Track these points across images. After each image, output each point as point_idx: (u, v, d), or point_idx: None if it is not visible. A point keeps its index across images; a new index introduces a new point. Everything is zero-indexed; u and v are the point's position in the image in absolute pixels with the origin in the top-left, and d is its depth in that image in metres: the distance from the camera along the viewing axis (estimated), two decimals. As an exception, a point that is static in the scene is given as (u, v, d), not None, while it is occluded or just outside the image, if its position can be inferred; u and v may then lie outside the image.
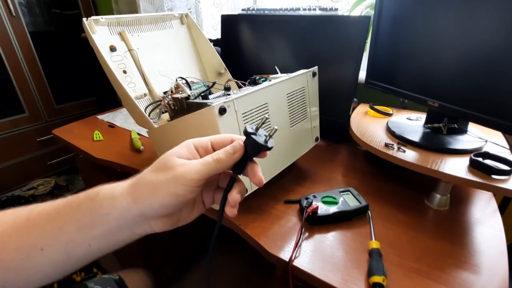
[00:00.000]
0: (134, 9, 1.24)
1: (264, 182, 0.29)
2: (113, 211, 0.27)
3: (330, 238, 0.47)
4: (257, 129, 0.28)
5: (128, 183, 0.28)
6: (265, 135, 0.28)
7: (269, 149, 0.28)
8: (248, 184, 0.47)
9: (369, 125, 0.67)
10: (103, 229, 0.27)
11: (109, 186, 0.28)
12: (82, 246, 0.27)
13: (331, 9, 0.81)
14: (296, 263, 0.42)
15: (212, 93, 0.60)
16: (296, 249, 0.44)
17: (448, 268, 0.41)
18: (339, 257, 0.43)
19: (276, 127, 0.28)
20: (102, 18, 0.61)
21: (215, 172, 0.27)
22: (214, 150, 0.29)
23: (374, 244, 0.44)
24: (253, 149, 0.28)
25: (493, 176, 0.45)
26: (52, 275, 0.27)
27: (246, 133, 0.28)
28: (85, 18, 0.59)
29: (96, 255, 0.28)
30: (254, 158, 0.29)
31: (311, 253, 0.44)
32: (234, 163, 0.28)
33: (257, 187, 0.49)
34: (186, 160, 0.27)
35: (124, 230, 0.27)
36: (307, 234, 0.48)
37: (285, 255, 0.44)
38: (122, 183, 0.28)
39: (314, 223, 0.49)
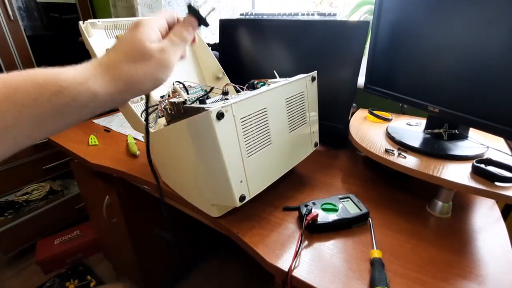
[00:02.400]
0: (132, 13, 1.24)
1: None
2: (92, 104, 0.25)
3: (330, 247, 0.45)
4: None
5: (102, 72, 0.26)
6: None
7: (207, 25, 0.36)
8: (247, 191, 0.46)
9: (368, 130, 0.67)
10: (72, 120, 0.25)
11: (72, 75, 0.25)
12: (35, 138, 0.24)
13: (329, 14, 0.81)
14: (296, 273, 0.41)
15: (210, 98, 0.59)
16: (296, 258, 0.43)
17: (453, 279, 0.39)
18: (340, 266, 0.42)
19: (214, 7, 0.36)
20: (99, 21, 0.60)
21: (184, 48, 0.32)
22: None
23: (376, 253, 0.42)
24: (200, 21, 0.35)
25: (497, 183, 0.44)
26: None
27: (192, 9, 0.34)
28: (82, 22, 0.58)
29: (51, 135, 0.27)
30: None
31: (311, 263, 0.42)
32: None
33: (255, 194, 0.48)
34: (159, 44, 0.29)
35: (92, 115, 0.27)
36: (306, 242, 0.46)
37: (284, 264, 0.42)
38: (88, 69, 0.26)
39: (314, 231, 0.48)
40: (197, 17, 0.34)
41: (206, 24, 0.35)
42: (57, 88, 0.23)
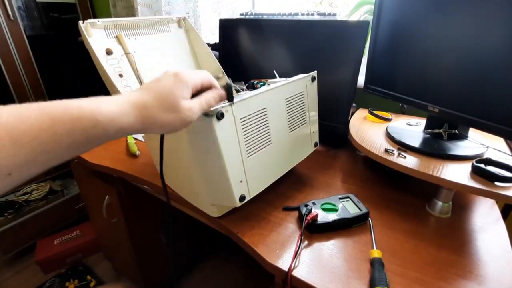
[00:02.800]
0: (132, 13, 1.23)
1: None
2: (117, 135, 0.29)
3: (330, 247, 0.45)
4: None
5: (135, 112, 0.30)
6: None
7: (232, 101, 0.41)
8: (247, 191, 0.46)
9: (368, 130, 0.67)
10: (96, 145, 0.29)
11: (107, 112, 0.28)
12: (63, 160, 0.27)
13: (329, 14, 0.81)
14: (295, 273, 0.41)
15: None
16: (296, 258, 0.43)
17: (452, 279, 0.39)
18: (340, 266, 0.42)
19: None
20: (98, 21, 0.60)
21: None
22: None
23: (376, 253, 0.42)
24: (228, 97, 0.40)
25: (496, 183, 0.44)
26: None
27: (229, 87, 0.40)
28: (81, 21, 0.58)
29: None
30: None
31: (311, 262, 0.42)
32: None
33: (255, 194, 0.48)
34: (189, 103, 0.33)
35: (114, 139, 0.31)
36: (306, 242, 0.46)
37: (284, 264, 0.42)
38: (123, 107, 0.30)
39: (314, 231, 0.48)
40: (228, 94, 0.39)
41: (231, 101, 0.41)
42: (92, 123, 0.27)
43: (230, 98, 0.40)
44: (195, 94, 0.36)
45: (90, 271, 1.29)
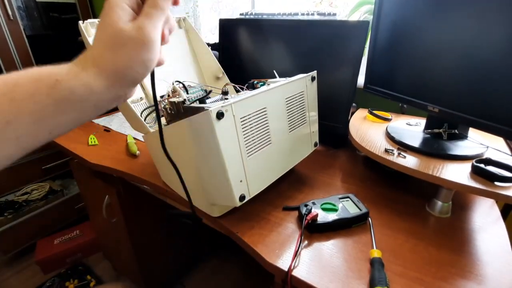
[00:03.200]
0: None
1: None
2: (91, 98, 0.25)
3: (330, 247, 0.45)
4: None
5: (89, 66, 0.25)
6: None
7: None
8: (246, 190, 0.46)
9: (368, 130, 0.67)
10: (74, 116, 0.25)
11: (65, 70, 0.25)
12: (40, 137, 0.24)
13: (329, 14, 0.81)
14: (295, 272, 0.41)
15: (210, 97, 0.59)
16: (295, 258, 0.43)
17: (452, 279, 0.39)
18: (340, 266, 0.42)
19: None
20: (98, 21, 0.60)
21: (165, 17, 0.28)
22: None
23: (376, 253, 0.42)
24: None
25: (496, 183, 0.44)
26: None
27: None
28: (81, 21, 0.58)
29: (58, 135, 0.26)
30: None
31: (311, 262, 0.42)
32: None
33: (255, 194, 0.48)
34: (134, 23, 0.26)
35: (96, 112, 0.27)
36: (306, 242, 0.46)
37: (283, 264, 0.42)
38: (77, 64, 0.26)
39: (314, 231, 0.48)
40: None
41: None
42: (52, 82, 0.23)
43: None
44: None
45: (90, 271, 1.29)
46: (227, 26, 0.88)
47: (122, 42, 0.25)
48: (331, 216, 0.48)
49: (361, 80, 0.71)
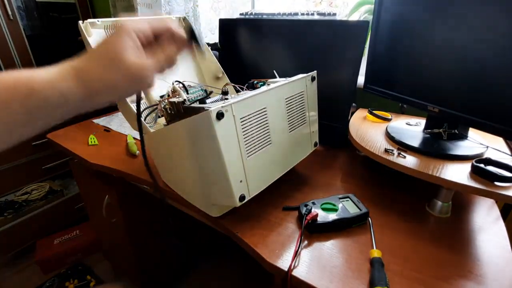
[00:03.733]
0: (132, 13, 1.23)
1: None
2: (63, 107, 0.25)
3: (330, 247, 0.45)
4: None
5: (72, 76, 0.26)
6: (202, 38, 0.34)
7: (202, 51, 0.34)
8: (246, 190, 0.46)
9: (368, 130, 0.67)
10: (43, 122, 0.25)
11: (44, 77, 0.25)
12: (9, 142, 0.25)
13: (329, 14, 0.81)
14: (295, 272, 0.41)
15: (210, 98, 0.59)
16: (295, 258, 0.43)
17: (452, 279, 0.39)
18: (340, 266, 0.42)
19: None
20: (98, 21, 0.60)
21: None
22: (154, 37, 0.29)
23: (376, 253, 0.42)
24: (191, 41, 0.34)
25: (496, 183, 0.44)
26: None
27: (191, 32, 0.33)
28: (81, 21, 0.58)
29: (25, 139, 0.26)
30: None
31: (311, 262, 0.42)
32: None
33: (255, 194, 0.48)
34: (140, 60, 0.27)
35: (65, 118, 0.27)
36: (306, 242, 0.46)
37: (283, 264, 0.42)
38: (60, 71, 0.26)
39: (314, 231, 0.48)
40: (193, 38, 0.33)
41: (197, 43, 0.34)
42: (28, 91, 0.23)
43: (195, 41, 0.33)
44: (151, 49, 0.29)
45: (90, 271, 1.29)
46: (227, 26, 0.88)
47: (117, 67, 0.26)
48: (331, 216, 0.48)
49: (361, 80, 0.71)
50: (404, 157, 0.53)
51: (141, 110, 0.40)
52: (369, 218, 0.50)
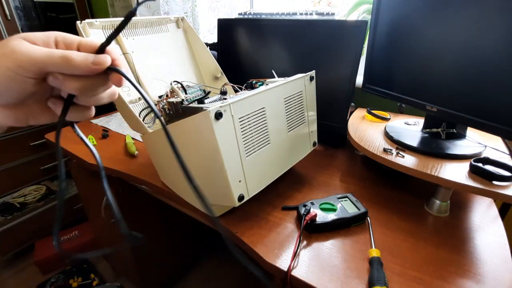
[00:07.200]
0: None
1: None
2: None
3: (329, 246, 0.45)
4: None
5: None
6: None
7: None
8: (245, 190, 0.46)
9: (366, 129, 0.67)
10: None
11: None
12: None
13: (328, 14, 0.81)
14: (294, 272, 0.41)
15: (208, 98, 0.59)
16: (294, 258, 0.43)
17: (451, 277, 0.39)
18: (339, 266, 0.42)
19: None
20: (96, 21, 0.60)
21: (55, 69, 0.23)
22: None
23: (375, 252, 0.42)
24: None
25: (494, 182, 0.44)
26: None
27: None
28: (79, 21, 0.58)
29: None
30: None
31: (310, 262, 0.43)
32: (87, 74, 0.23)
33: (254, 194, 0.48)
34: (30, 44, 0.23)
35: None
36: (305, 242, 0.46)
37: (283, 264, 0.42)
38: None
39: (313, 231, 0.48)
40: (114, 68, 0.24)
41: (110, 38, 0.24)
42: None
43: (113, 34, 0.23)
44: None
45: (94, 269, 1.29)
46: (225, 26, 0.88)
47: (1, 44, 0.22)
48: (330, 216, 0.49)
49: (359, 79, 0.72)
50: (403, 156, 0.53)
51: (140, 110, 0.39)
52: (368, 218, 0.50)
